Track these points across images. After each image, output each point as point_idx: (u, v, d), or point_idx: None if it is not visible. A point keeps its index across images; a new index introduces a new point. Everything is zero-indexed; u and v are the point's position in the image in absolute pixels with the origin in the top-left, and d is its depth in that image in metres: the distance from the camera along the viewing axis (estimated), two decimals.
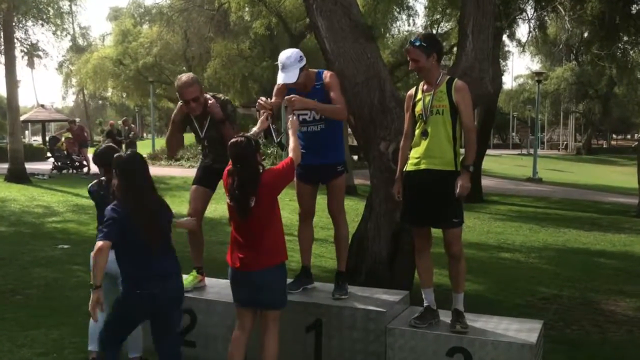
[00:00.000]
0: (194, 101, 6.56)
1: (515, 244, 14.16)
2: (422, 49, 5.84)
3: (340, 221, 6.66)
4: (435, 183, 5.78)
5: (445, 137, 5.79)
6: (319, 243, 11.42)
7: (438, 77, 5.90)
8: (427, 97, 5.88)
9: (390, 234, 7.88)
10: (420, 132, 5.92)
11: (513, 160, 49.84)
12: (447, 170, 5.76)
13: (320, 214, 6.91)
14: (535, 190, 27.78)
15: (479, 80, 7.89)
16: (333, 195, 6.60)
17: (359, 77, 7.96)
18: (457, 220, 5.86)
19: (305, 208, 6.74)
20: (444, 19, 30.72)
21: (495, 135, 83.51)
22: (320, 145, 6.45)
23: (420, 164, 5.87)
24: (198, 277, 6.87)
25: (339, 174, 6.56)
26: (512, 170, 38.33)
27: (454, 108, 5.78)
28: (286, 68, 6.19)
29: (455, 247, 5.91)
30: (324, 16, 8.12)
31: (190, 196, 6.97)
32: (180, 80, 6.63)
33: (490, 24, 8.15)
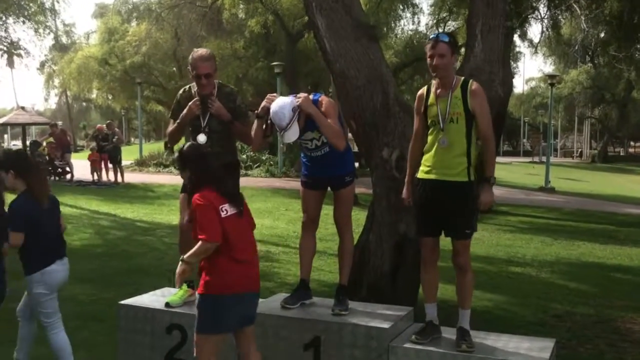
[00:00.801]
0: (207, 77, 6.57)
1: (526, 258, 14.17)
2: (450, 45, 5.83)
3: (346, 232, 6.66)
4: (448, 194, 5.77)
5: (459, 148, 5.78)
6: (317, 255, 11.42)
7: (453, 80, 5.91)
8: (442, 102, 5.85)
9: (393, 246, 7.89)
10: (434, 139, 5.89)
11: (524, 169, 49.83)
12: (460, 181, 5.77)
13: (319, 224, 6.91)
14: (548, 200, 27.80)
15: (489, 83, 7.86)
16: (340, 203, 6.61)
17: (360, 79, 7.98)
18: (470, 231, 5.88)
19: (310, 215, 6.70)
20: (450, 17, 30.79)
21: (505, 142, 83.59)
22: (327, 165, 6.49)
23: (431, 173, 5.86)
24: (188, 291, 6.86)
25: (348, 184, 6.59)
26: (523, 179, 38.33)
27: (469, 115, 5.76)
28: (284, 128, 6.15)
29: (463, 257, 5.92)
30: (324, 14, 8.12)
31: (179, 205, 6.97)
32: (196, 53, 6.68)
33: (501, 23, 8.16)
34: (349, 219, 6.71)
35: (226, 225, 5.16)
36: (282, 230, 16.22)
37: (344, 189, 6.57)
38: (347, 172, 6.59)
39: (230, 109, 6.72)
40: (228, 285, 5.11)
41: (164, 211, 19.08)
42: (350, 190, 6.66)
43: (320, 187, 6.66)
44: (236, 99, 6.79)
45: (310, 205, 6.70)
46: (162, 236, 14.66)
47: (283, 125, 6.11)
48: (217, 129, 6.68)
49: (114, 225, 16.31)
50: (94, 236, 14.52)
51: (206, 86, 6.64)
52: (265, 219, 18.13)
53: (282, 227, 16.78)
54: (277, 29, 36.65)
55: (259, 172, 32.32)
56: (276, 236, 15.32)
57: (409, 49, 39.54)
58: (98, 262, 11.78)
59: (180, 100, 6.90)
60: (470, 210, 5.83)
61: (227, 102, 6.72)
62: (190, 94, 6.87)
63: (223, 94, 6.77)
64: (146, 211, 18.95)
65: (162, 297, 6.90)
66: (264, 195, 24.20)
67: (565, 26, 31.60)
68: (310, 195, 6.68)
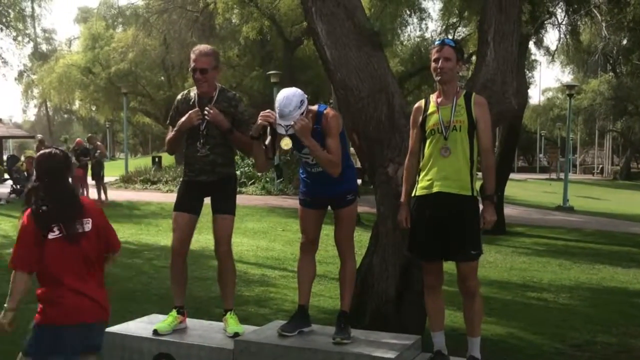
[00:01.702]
0: (202, 73, 6.61)
1: (543, 282, 14.17)
2: (455, 50, 5.91)
3: (347, 254, 6.67)
4: (451, 209, 5.81)
5: (463, 157, 5.84)
6: (317, 279, 11.43)
7: (456, 90, 5.96)
8: (444, 110, 5.92)
9: (399, 270, 7.87)
10: (432, 150, 5.94)
11: (540, 186, 49.86)
12: (464, 195, 5.80)
13: (319, 246, 6.93)
14: (566, 220, 27.78)
15: (501, 94, 7.90)
16: (341, 223, 6.61)
17: (363, 90, 8.00)
18: (476, 252, 5.90)
19: (309, 236, 6.72)
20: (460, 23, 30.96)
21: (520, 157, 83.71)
22: (327, 182, 6.47)
23: (432, 186, 5.89)
24: (178, 318, 6.87)
25: (350, 202, 6.59)
26: (539, 198, 38.34)
27: (472, 125, 5.84)
28: (284, 117, 6.17)
29: (470, 282, 5.94)
30: (324, 20, 8.12)
31: (172, 224, 6.99)
32: (198, 47, 6.81)
33: (515, 29, 8.16)
34: (351, 240, 6.72)
35: (48, 250, 4.98)
36: (278, 253, 16.22)
37: (345, 208, 6.58)
38: (349, 189, 6.59)
39: (231, 114, 6.74)
40: (49, 316, 5.01)
41: (151, 231, 19.09)
42: (353, 210, 6.67)
43: (320, 206, 6.68)
44: (238, 105, 6.82)
45: (309, 225, 6.72)
46: (150, 258, 14.66)
47: (285, 112, 6.11)
48: (216, 135, 6.71)
49: None
50: None
51: (201, 83, 6.68)
52: (260, 240, 18.14)
53: (279, 249, 16.78)
54: (274, 36, 36.79)
55: (254, 189, 32.32)
56: (272, 259, 15.33)
57: (415, 57, 39.69)
58: None
59: (179, 106, 6.94)
60: (476, 229, 5.86)
61: (228, 107, 6.75)
62: (188, 98, 6.91)
63: (224, 98, 6.80)
64: (132, 231, 18.94)
65: (149, 324, 6.89)
66: (259, 214, 24.20)
67: (584, 32, 31.66)
68: (309, 214, 6.70)
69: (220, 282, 7.05)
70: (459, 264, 5.91)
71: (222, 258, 6.90)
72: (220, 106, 6.69)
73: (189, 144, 6.85)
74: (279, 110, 6.16)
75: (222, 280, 7.02)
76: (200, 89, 6.74)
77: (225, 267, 6.93)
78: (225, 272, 6.96)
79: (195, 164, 6.82)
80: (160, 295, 10.57)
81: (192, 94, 6.88)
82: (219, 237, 6.83)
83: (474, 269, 5.94)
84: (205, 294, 10.85)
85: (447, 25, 31.07)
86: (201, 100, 6.75)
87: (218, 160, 6.75)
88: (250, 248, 16.54)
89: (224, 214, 6.81)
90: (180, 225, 6.87)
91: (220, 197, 6.83)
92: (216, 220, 6.81)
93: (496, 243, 19.16)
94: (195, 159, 6.81)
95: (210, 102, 6.71)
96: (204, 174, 6.74)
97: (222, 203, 6.82)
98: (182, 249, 6.88)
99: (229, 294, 7.00)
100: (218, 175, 6.76)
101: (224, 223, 6.82)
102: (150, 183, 34.80)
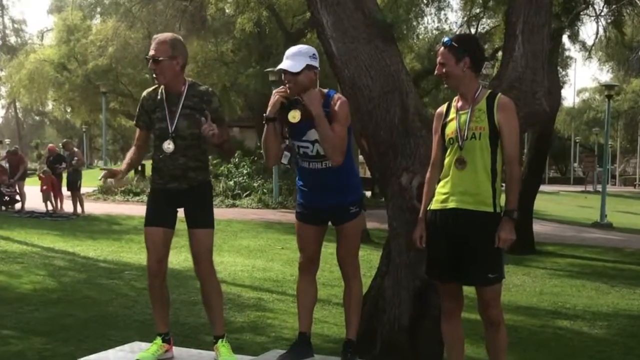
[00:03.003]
0: (155, 62, 6.54)
1: (577, 309, 14.15)
2: (452, 50, 5.88)
3: (352, 275, 6.65)
4: (467, 228, 5.80)
5: (482, 169, 5.82)
6: (320, 304, 11.45)
7: (476, 91, 5.94)
8: (462, 115, 5.91)
9: (414, 294, 7.87)
10: (451, 160, 5.95)
11: (574, 200, 49.85)
12: (483, 211, 5.79)
13: (322, 266, 6.93)
14: (604, 238, 27.75)
15: (531, 94, 7.90)
16: (344, 241, 6.58)
17: (374, 89, 8.01)
18: (494, 275, 5.87)
19: (308, 254, 6.70)
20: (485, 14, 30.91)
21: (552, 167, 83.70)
22: (326, 186, 6.45)
23: (448, 201, 5.90)
24: (163, 347, 6.87)
25: (353, 216, 6.55)
26: (573, 213, 38.33)
27: (494, 132, 5.80)
28: (290, 57, 6.21)
29: (492, 310, 5.93)
30: (330, 10, 8.13)
31: (145, 242, 6.94)
32: (157, 35, 6.78)
33: (547, 21, 8.13)
34: (355, 259, 6.69)
35: None
36: (277, 274, 16.22)
37: (349, 222, 6.53)
38: (353, 201, 6.55)
39: (203, 111, 6.68)
40: None
41: (133, 249, 19.07)
42: (357, 224, 6.63)
43: (320, 221, 6.64)
44: (211, 101, 6.70)
45: (308, 242, 6.69)
46: (131, 279, 14.66)
47: (291, 51, 6.22)
48: (186, 136, 6.66)
49: (72, 265, 16.30)
50: (48, 279, 14.51)
51: (156, 74, 6.58)
52: (256, 259, 18.15)
53: (277, 270, 16.78)
54: (273, 28, 36.73)
55: (250, 202, 32.36)
56: (270, 280, 15.33)
57: (433, 53, 39.60)
58: (53, 310, 11.78)
59: (144, 103, 6.83)
60: (496, 249, 5.83)
61: (199, 102, 6.65)
62: (155, 94, 6.79)
63: (195, 93, 6.70)
64: (112, 249, 18.95)
65: (130, 353, 6.91)
66: (255, 230, 24.22)
67: (627, 25, 31.51)
68: (307, 230, 6.67)
69: (206, 304, 7.02)
70: (479, 289, 5.91)
71: (203, 277, 6.87)
72: (190, 102, 6.66)
73: (156, 145, 6.79)
74: (287, 52, 6.23)
75: (207, 302, 6.99)
76: (157, 81, 6.67)
77: (209, 288, 6.88)
78: (209, 292, 6.92)
79: (164, 169, 6.72)
80: (143, 321, 10.57)
81: (160, 90, 6.84)
82: (197, 254, 6.79)
83: (496, 295, 5.92)
84: (194, 320, 10.85)
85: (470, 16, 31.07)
86: (169, 97, 6.71)
87: (190, 164, 6.67)
88: (245, 268, 16.54)
89: (201, 228, 6.77)
90: (154, 242, 6.78)
91: (195, 208, 6.75)
92: (192, 234, 6.76)
93: (524, 264, 19.11)
94: (164, 163, 6.71)
95: (178, 98, 6.66)
96: (174, 181, 6.66)
97: (197, 215, 6.75)
98: (159, 269, 6.84)
99: (218, 317, 6.96)
100: (190, 182, 6.70)
101: (202, 237, 6.76)
102: (133, 194, 34.73)
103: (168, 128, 6.62)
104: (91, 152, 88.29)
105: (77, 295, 13.04)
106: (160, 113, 6.67)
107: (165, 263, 6.89)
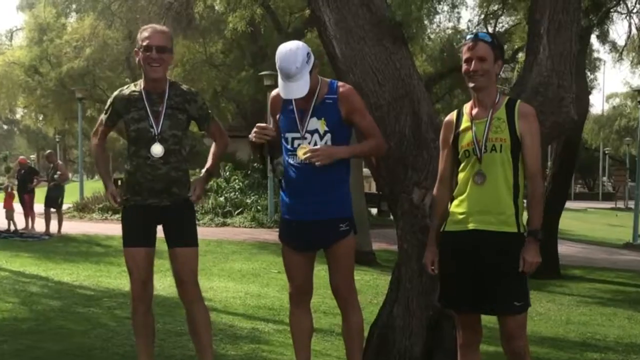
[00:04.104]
0: (159, 51, 6.56)
1: (608, 340, 14.10)
2: (492, 47, 5.85)
3: (350, 304, 6.63)
4: (490, 251, 5.77)
5: (504, 185, 5.80)
6: (321, 335, 11.41)
7: (496, 98, 5.92)
8: (479, 125, 5.88)
9: (427, 323, 7.86)
10: (468, 175, 5.91)
11: (603, 217, 49.82)
12: (507, 232, 5.77)
13: (322, 292, 6.90)
14: (637, 261, 27.72)
15: (557, 100, 7.85)
16: (336, 266, 6.55)
17: (383, 95, 8.00)
18: (521, 303, 5.86)
19: (297, 283, 6.70)
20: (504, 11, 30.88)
21: (578, 181, 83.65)
22: (312, 191, 6.39)
23: (467, 222, 5.87)
24: None
25: (343, 235, 6.49)
26: (602, 232, 38.32)
27: (516, 143, 5.78)
28: (292, 77, 6.19)
29: (517, 342, 5.91)
30: (333, 6, 8.12)
31: (126, 264, 6.91)
32: (149, 25, 6.82)
33: (575, 19, 8.05)
34: (352, 285, 6.68)
35: None
36: (273, 301, 16.16)
37: (340, 242, 6.48)
38: (343, 216, 6.51)
39: (187, 112, 6.71)
40: None
41: (113, 273, 19.04)
42: (350, 244, 6.57)
43: (305, 245, 6.59)
44: (196, 100, 6.81)
45: (295, 271, 6.70)
46: (111, 307, 14.61)
47: (292, 70, 6.12)
48: (168, 137, 6.66)
49: (46, 291, 16.26)
50: (18, 307, 14.46)
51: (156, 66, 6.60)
52: (250, 284, 18.10)
53: (273, 296, 16.73)
54: (268, 27, 36.77)
55: (242, 220, 32.30)
56: (265, 308, 15.26)
57: (446, 54, 39.80)
58: (23, 342, 11.73)
59: (115, 102, 6.85)
60: (522, 274, 5.80)
61: (182, 103, 6.71)
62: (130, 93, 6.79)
63: (178, 92, 6.75)
64: (89, 273, 18.91)
65: None
66: (249, 251, 24.19)
67: None
68: (293, 258, 6.66)
69: (192, 333, 7.02)
70: (502, 318, 5.88)
71: (189, 302, 6.87)
72: (173, 102, 6.65)
73: (132, 152, 6.77)
74: (284, 71, 6.19)
75: (193, 331, 6.98)
76: (154, 74, 6.65)
77: (196, 314, 6.88)
78: (196, 319, 6.91)
79: (142, 181, 6.69)
80: (124, 354, 10.52)
81: (137, 89, 6.81)
82: (181, 276, 6.78)
83: (522, 324, 5.90)
84: (181, 352, 10.80)
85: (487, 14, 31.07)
86: (149, 96, 6.69)
87: (172, 175, 6.67)
88: (237, 295, 16.49)
89: (185, 246, 6.75)
90: (137, 263, 6.76)
91: (177, 225, 6.76)
92: (175, 254, 6.74)
93: (548, 290, 19.08)
94: (142, 174, 6.68)
95: (161, 97, 6.66)
96: (154, 197, 6.66)
97: (180, 232, 6.76)
98: (144, 293, 6.83)
99: (206, 347, 6.94)
100: (172, 198, 6.68)
101: (186, 257, 6.75)
102: (112, 212, 34.72)
103: (149, 129, 6.62)
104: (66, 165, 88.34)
105: (51, 325, 12.99)
106: (136, 113, 6.66)
107: (150, 286, 6.89)
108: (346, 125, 6.39)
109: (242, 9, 30.43)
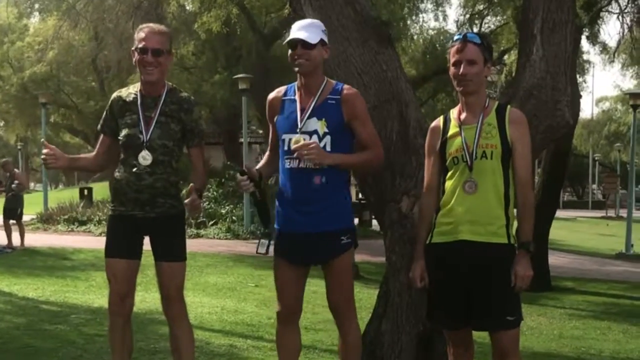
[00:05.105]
0: (155, 54, 6.54)
1: (603, 355, 14.13)
2: (482, 49, 5.83)
3: (349, 321, 6.58)
4: (480, 263, 5.76)
5: (494, 194, 5.81)
6: (304, 352, 11.37)
7: (485, 102, 5.91)
8: (468, 130, 5.88)
9: (417, 339, 7.85)
10: (456, 183, 5.90)
11: (594, 227, 49.96)
12: (497, 243, 5.76)
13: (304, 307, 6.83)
14: (630, 272, 27.80)
15: (552, 104, 7.84)
16: (336, 282, 6.48)
17: (368, 99, 7.91)
18: (513, 318, 5.87)
19: (287, 303, 6.61)
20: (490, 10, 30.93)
21: (567, 189, 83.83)
22: (309, 199, 6.34)
23: (456, 232, 5.87)
24: None
25: (344, 249, 6.42)
26: (593, 242, 38.41)
27: (507, 150, 5.79)
28: (303, 28, 6.24)
29: (511, 358, 5.91)
30: (315, 6, 8.14)
31: (107, 275, 6.88)
32: (146, 25, 6.76)
33: (570, 18, 8.06)
34: (352, 301, 6.62)
35: None
36: (251, 316, 16.12)
37: (341, 256, 6.41)
38: (344, 228, 6.44)
39: (181, 121, 6.69)
40: None
41: (80, 288, 18.96)
42: (349, 260, 6.51)
43: (301, 259, 6.52)
44: (192, 110, 6.81)
45: (288, 289, 6.60)
46: (79, 324, 14.54)
47: (306, 22, 6.38)
48: (156, 146, 6.63)
49: (9, 308, 16.19)
50: None
51: (152, 69, 6.62)
52: (226, 299, 18.04)
53: (251, 311, 16.68)
54: (243, 27, 36.70)
55: (217, 231, 32.19)
56: (243, 324, 15.22)
57: (430, 56, 39.85)
58: None
59: (113, 106, 6.86)
60: (513, 287, 5.80)
61: (178, 110, 6.71)
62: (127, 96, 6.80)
63: (175, 99, 6.75)
64: (55, 288, 18.81)
65: None
66: (224, 264, 24.13)
67: None
68: (287, 273, 6.57)
69: (175, 352, 7.00)
70: (494, 334, 5.89)
71: (174, 319, 6.85)
72: (167, 109, 6.63)
73: (121, 160, 6.76)
74: (300, 23, 6.33)
75: (176, 349, 6.96)
76: (149, 77, 6.65)
77: (180, 331, 6.88)
78: (180, 337, 6.90)
79: (127, 191, 6.68)
80: None
81: (133, 91, 6.80)
82: (167, 291, 6.77)
83: (515, 340, 5.92)
84: None
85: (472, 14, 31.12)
86: (144, 100, 6.67)
87: (157, 186, 6.65)
88: (213, 310, 16.43)
89: (172, 261, 6.73)
90: (117, 275, 6.75)
91: (164, 238, 6.73)
92: (162, 268, 6.73)
93: (539, 303, 19.12)
94: (127, 183, 6.67)
95: (155, 102, 6.64)
96: (139, 207, 6.63)
97: (167, 245, 6.73)
98: (123, 307, 6.81)
99: None
100: (159, 209, 6.65)
101: (173, 271, 6.74)
102: (78, 223, 34.52)
103: (139, 136, 6.61)
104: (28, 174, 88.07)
105: (16, 343, 12.92)
106: (130, 117, 6.67)
107: (130, 301, 6.87)
108: (348, 131, 6.36)
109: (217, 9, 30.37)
